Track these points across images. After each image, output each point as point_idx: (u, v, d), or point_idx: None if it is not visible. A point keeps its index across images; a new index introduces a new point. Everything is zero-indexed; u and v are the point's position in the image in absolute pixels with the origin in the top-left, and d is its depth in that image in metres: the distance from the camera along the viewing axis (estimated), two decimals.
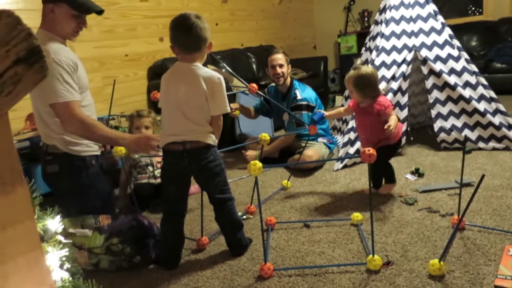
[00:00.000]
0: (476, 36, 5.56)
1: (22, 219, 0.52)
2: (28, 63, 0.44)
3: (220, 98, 1.77)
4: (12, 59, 0.43)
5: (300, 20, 6.71)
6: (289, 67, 3.23)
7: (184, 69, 1.77)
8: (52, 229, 0.72)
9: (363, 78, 2.28)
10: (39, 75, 0.46)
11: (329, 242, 1.99)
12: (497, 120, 2.99)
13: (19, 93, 0.45)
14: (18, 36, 0.43)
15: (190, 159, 1.77)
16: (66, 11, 1.99)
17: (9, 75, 0.43)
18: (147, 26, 4.17)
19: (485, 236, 1.88)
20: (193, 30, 1.70)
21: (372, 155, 1.64)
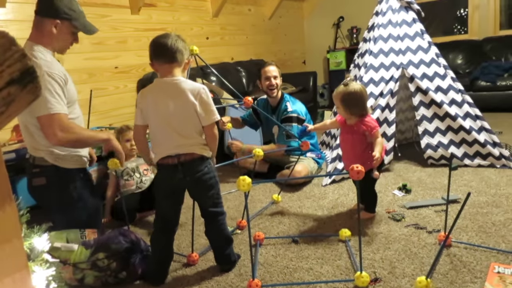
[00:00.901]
0: (462, 55, 5.69)
1: (9, 238, 0.52)
2: (21, 83, 0.44)
3: (209, 107, 1.78)
4: (5, 80, 0.43)
5: (290, 35, 6.80)
6: (280, 80, 3.26)
7: (168, 84, 1.77)
8: (39, 248, 0.71)
9: (350, 96, 2.24)
10: (32, 95, 0.46)
11: (317, 258, 1.99)
12: (482, 137, 3.05)
13: (11, 113, 0.45)
14: (12, 57, 0.43)
15: (184, 171, 1.77)
16: (68, 27, 2.01)
17: (2, 96, 0.43)
18: (138, 38, 4.17)
19: (471, 253, 1.89)
20: (169, 41, 1.75)
21: (361, 172, 1.66)
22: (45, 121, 1.89)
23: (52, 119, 1.88)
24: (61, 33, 2.00)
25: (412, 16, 3.29)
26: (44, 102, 1.87)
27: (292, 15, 6.84)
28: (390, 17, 3.29)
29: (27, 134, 2.03)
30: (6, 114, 0.44)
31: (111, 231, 1.95)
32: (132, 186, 2.73)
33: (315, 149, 3.33)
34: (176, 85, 1.76)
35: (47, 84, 1.89)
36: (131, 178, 2.74)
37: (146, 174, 2.81)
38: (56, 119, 1.89)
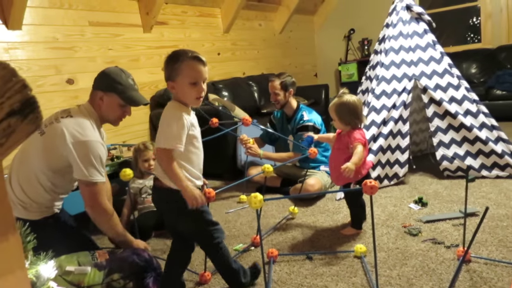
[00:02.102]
0: (475, 64, 5.61)
1: (13, 269, 0.51)
2: (22, 114, 0.44)
3: (162, 129, 1.64)
4: (5, 111, 0.43)
5: (301, 49, 6.82)
6: (291, 92, 3.22)
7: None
8: (44, 275, 0.70)
9: (343, 106, 2.27)
10: (33, 125, 0.45)
11: (332, 275, 1.95)
12: (499, 148, 2.98)
13: (12, 145, 0.45)
14: (12, 88, 0.43)
15: (154, 197, 1.78)
16: (115, 100, 2.07)
17: (2, 127, 0.43)
18: (150, 56, 4.23)
19: (492, 269, 1.83)
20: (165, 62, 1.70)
21: (374, 187, 1.63)
22: (90, 188, 1.97)
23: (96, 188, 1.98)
24: (108, 105, 2.07)
25: (423, 27, 3.26)
26: (92, 169, 1.96)
27: (303, 29, 6.87)
28: (401, 28, 3.27)
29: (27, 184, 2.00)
30: (7, 146, 0.44)
31: (124, 251, 1.95)
32: (151, 203, 2.74)
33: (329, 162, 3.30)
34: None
35: (98, 151, 1.99)
36: (149, 196, 2.76)
37: None
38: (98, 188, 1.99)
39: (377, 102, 3.12)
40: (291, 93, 3.22)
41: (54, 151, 1.95)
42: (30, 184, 1.98)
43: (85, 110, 2.07)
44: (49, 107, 3.23)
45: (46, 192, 2.01)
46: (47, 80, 3.29)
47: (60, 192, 2.09)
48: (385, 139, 3.05)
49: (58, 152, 1.94)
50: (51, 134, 1.96)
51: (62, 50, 3.40)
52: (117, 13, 3.86)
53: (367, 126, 3.04)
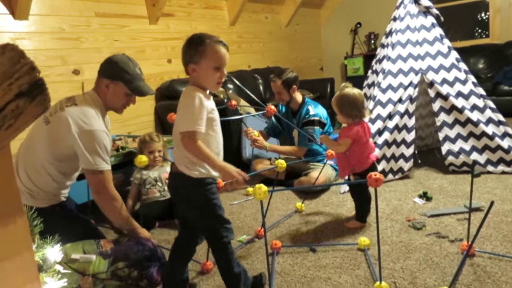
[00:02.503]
0: (483, 59, 5.56)
1: (21, 251, 0.52)
2: (30, 96, 0.44)
3: (182, 113, 1.59)
4: (14, 92, 0.43)
5: (307, 42, 6.78)
6: (294, 88, 3.21)
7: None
8: (51, 259, 0.71)
9: (343, 98, 2.30)
10: (40, 107, 0.46)
11: (336, 267, 1.96)
12: (505, 143, 2.96)
13: (20, 126, 0.45)
14: (21, 70, 0.43)
15: (169, 182, 1.73)
16: (121, 89, 2.07)
17: (11, 108, 0.44)
18: (156, 48, 4.23)
19: (496, 263, 1.83)
20: (184, 46, 1.63)
21: (379, 180, 1.62)
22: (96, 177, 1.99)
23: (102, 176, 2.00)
24: (114, 93, 2.07)
25: (431, 21, 3.23)
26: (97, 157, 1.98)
27: (309, 22, 6.83)
28: (408, 22, 3.24)
29: (34, 173, 2.02)
30: (15, 127, 0.44)
31: (128, 240, 1.96)
32: (155, 194, 2.77)
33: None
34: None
35: (104, 141, 2.01)
36: (153, 187, 2.77)
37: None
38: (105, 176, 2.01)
39: (383, 96, 3.11)
40: (295, 89, 3.21)
41: (59, 141, 1.96)
42: (37, 173, 2.00)
43: (90, 98, 2.08)
44: (54, 98, 3.20)
45: (53, 181, 2.02)
46: (53, 70, 3.30)
47: (66, 180, 2.10)
48: (391, 133, 3.04)
49: (63, 142, 1.95)
50: (56, 124, 1.97)
51: (68, 41, 3.40)
52: (123, 4, 3.85)
53: (372, 120, 3.03)
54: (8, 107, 0.43)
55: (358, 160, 2.32)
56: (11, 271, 0.51)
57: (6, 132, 0.44)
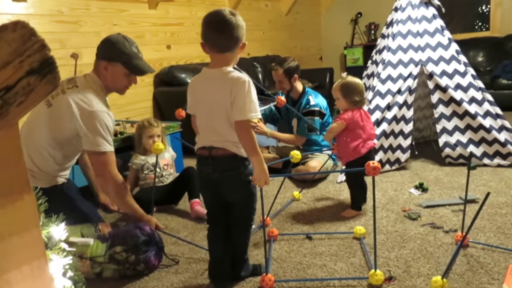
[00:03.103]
0: (483, 52, 5.56)
1: (28, 227, 0.52)
2: (40, 74, 0.44)
3: (241, 102, 1.54)
4: (25, 69, 0.43)
5: (307, 31, 6.75)
6: (295, 77, 3.20)
7: (213, 75, 1.63)
8: (56, 237, 0.72)
9: (348, 84, 2.36)
10: (51, 85, 0.46)
11: (331, 255, 1.98)
12: (502, 136, 2.98)
13: (30, 103, 0.46)
14: (32, 47, 0.43)
15: (214, 166, 1.66)
16: (120, 70, 2.04)
17: (22, 85, 0.44)
18: (155, 33, 4.20)
19: (489, 254, 1.86)
20: (225, 28, 1.54)
21: (377, 168, 1.64)
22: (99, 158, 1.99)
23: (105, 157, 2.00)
24: (113, 74, 2.05)
25: (432, 12, 3.22)
26: (101, 139, 1.96)
27: (309, 11, 6.79)
28: (410, 13, 3.23)
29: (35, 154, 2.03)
30: (25, 104, 0.45)
31: (126, 224, 1.98)
32: (153, 179, 2.77)
33: None
34: (220, 76, 1.60)
35: (108, 122, 2.00)
36: (151, 173, 2.78)
37: (166, 169, 2.85)
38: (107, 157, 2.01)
39: (382, 86, 3.11)
40: (296, 78, 3.20)
41: (61, 123, 1.96)
42: (39, 154, 2.01)
43: (90, 80, 2.07)
44: None
45: (54, 163, 2.03)
46: (52, 54, 3.27)
47: (67, 162, 2.11)
48: (389, 124, 3.05)
49: (65, 124, 1.96)
50: (57, 106, 1.97)
51: (67, 24, 3.37)
52: None
53: (371, 111, 3.03)
54: (19, 84, 0.44)
55: (355, 146, 2.35)
56: (19, 247, 0.52)
57: (17, 108, 0.44)
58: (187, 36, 4.53)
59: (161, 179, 2.79)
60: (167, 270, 1.96)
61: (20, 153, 0.51)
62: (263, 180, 1.61)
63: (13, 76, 0.43)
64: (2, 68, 0.41)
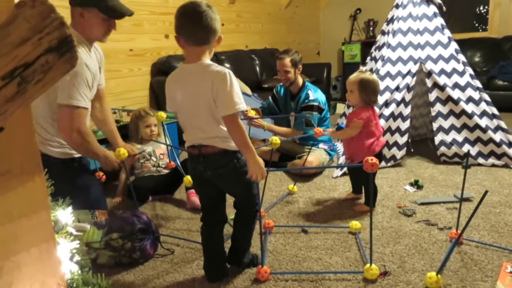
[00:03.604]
0: (480, 52, 5.59)
1: (37, 209, 0.52)
2: (59, 52, 0.43)
3: (226, 95, 1.49)
4: (44, 47, 0.42)
5: (306, 26, 6.73)
6: (299, 68, 3.19)
7: (191, 70, 1.57)
8: (62, 221, 0.71)
9: (369, 82, 2.31)
10: (69, 64, 0.45)
11: (327, 248, 1.99)
12: (498, 137, 3.00)
13: (48, 82, 0.45)
14: (51, 25, 0.42)
15: (205, 164, 1.62)
16: (96, 15, 1.95)
17: (41, 63, 0.43)
18: (153, 22, 4.16)
19: (483, 252, 1.88)
20: (202, 19, 1.48)
21: (375, 165, 1.64)
22: (66, 111, 1.90)
23: (73, 111, 1.90)
24: (91, 21, 1.96)
25: (433, 10, 3.23)
26: (74, 91, 1.88)
27: (309, 5, 6.77)
28: (411, 10, 3.23)
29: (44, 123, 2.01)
30: (44, 82, 0.44)
31: (123, 212, 1.97)
32: (150, 168, 2.79)
33: (328, 141, 3.31)
34: (198, 72, 1.55)
35: (83, 75, 1.90)
36: (147, 162, 2.78)
37: (162, 159, 2.84)
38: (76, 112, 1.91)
39: (381, 83, 3.11)
40: (300, 69, 3.18)
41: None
42: (46, 122, 1.99)
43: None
44: None
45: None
46: None
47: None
48: (386, 120, 3.06)
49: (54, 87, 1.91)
50: None
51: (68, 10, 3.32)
52: None
53: None
54: (38, 62, 0.42)
55: (369, 145, 2.32)
56: (28, 229, 0.51)
57: (35, 87, 0.43)
58: None
59: (157, 168, 2.79)
60: (163, 259, 1.96)
61: (32, 133, 0.50)
62: (259, 174, 1.59)
63: (32, 53, 0.41)
64: (20, 45, 0.40)
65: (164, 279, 1.80)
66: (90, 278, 0.66)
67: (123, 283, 1.77)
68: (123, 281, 1.79)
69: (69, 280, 0.63)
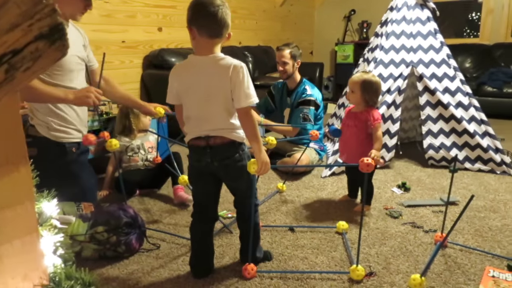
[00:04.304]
0: (471, 58, 5.66)
1: (22, 200, 0.50)
2: (50, 39, 0.42)
3: (243, 88, 1.54)
4: (34, 34, 0.41)
5: (300, 24, 6.73)
6: (298, 62, 3.19)
7: (203, 62, 1.59)
8: (47, 213, 0.70)
9: (372, 84, 2.29)
10: (59, 53, 0.44)
11: (313, 248, 2.00)
12: (485, 142, 3.04)
13: (37, 70, 0.43)
14: (42, 11, 0.41)
15: (212, 155, 1.63)
16: None
17: (30, 50, 0.42)
18: (147, 15, 4.12)
19: (466, 256, 1.90)
20: (218, 12, 1.52)
21: (370, 165, 1.64)
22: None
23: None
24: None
25: (427, 14, 3.25)
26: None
27: (304, 4, 6.77)
28: (405, 13, 3.25)
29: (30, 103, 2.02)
30: (32, 70, 0.43)
31: (110, 205, 1.95)
32: (138, 162, 2.76)
33: (319, 140, 3.32)
34: (212, 64, 1.57)
35: None
36: (135, 155, 2.75)
37: (151, 152, 2.82)
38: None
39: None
40: (299, 64, 3.19)
41: None
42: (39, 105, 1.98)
43: None
44: None
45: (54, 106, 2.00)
46: None
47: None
48: None
49: None
50: None
51: None
52: None
53: None
54: (27, 49, 0.41)
55: (368, 148, 2.27)
56: (11, 220, 0.49)
57: (23, 74, 0.42)
58: (179, 20, 4.45)
59: (145, 162, 2.76)
60: (148, 254, 1.94)
61: (19, 122, 0.49)
62: (265, 166, 1.61)
63: (21, 39, 0.40)
64: (10, 30, 0.38)
65: (149, 274, 1.78)
66: (73, 272, 0.65)
67: (107, 277, 1.76)
68: (107, 275, 1.77)
69: (51, 274, 0.62)
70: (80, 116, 2.18)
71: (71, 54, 2.06)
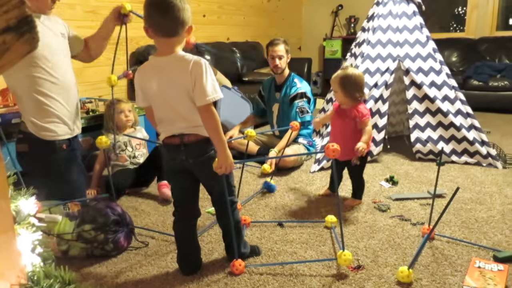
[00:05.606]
0: (457, 52, 5.70)
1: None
2: (18, 32, 0.41)
3: (202, 85, 1.49)
4: (1, 26, 0.40)
5: (288, 20, 6.72)
6: (289, 57, 3.20)
7: (164, 63, 1.55)
8: (25, 211, 0.68)
9: (349, 78, 2.25)
10: (29, 46, 0.42)
11: (302, 242, 2.00)
12: (471, 135, 3.07)
13: (5, 64, 0.42)
14: (9, 3, 0.39)
15: (187, 153, 1.61)
16: None
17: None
18: (135, 10, 4.06)
19: (453, 247, 1.92)
20: (170, 10, 1.45)
21: (336, 150, 1.65)
22: None
23: None
24: None
25: (413, 8, 3.26)
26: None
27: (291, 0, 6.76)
28: (391, 8, 3.26)
29: (16, 98, 1.99)
30: (0, 64, 0.41)
31: (97, 203, 1.93)
32: (126, 161, 2.73)
33: (308, 136, 3.33)
34: (172, 63, 1.54)
35: None
36: (123, 152, 2.73)
37: (138, 149, 2.80)
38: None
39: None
40: (289, 58, 3.21)
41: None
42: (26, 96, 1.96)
43: None
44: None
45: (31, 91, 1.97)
46: None
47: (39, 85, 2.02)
48: None
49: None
50: None
51: None
52: None
53: None
54: None
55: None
56: None
57: None
58: None
59: (132, 160, 2.74)
60: (136, 252, 1.93)
61: None
62: (227, 166, 1.59)
63: None
64: None
65: (138, 271, 1.77)
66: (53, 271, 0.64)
67: (95, 276, 1.74)
68: (95, 273, 1.76)
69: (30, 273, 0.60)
70: (68, 109, 2.15)
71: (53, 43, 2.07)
